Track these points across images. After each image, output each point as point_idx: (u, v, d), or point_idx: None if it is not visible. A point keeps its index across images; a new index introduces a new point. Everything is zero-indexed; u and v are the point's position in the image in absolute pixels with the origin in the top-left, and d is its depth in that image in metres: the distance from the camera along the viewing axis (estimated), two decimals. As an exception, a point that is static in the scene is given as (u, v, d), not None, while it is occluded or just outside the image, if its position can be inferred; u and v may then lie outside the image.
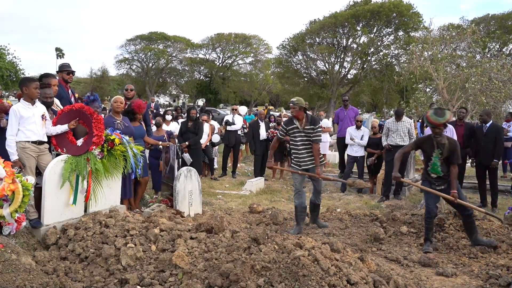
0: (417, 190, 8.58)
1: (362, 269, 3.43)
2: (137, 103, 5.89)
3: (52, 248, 3.90)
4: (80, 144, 4.42)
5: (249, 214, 6.21)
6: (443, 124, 4.57)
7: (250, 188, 8.22)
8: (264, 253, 3.32)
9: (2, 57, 24.67)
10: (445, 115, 4.53)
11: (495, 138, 6.98)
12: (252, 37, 41.45)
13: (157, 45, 41.88)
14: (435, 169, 4.69)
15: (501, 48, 29.09)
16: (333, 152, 12.74)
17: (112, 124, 5.13)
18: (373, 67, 30.76)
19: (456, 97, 12.83)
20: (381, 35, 30.80)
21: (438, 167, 4.67)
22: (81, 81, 43.42)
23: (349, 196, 7.98)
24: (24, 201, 3.78)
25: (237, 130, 10.19)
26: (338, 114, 9.48)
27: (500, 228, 5.11)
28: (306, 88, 33.03)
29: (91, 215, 4.36)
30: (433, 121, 4.59)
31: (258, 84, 41.68)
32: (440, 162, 4.65)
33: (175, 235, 3.87)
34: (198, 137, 7.97)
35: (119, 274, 3.40)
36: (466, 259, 4.41)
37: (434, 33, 15.85)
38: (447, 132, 6.59)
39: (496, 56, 16.11)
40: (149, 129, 6.61)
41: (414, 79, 14.82)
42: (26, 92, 4.14)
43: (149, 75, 41.50)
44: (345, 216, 5.99)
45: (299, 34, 32.23)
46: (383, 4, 29.01)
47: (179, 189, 5.66)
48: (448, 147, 4.58)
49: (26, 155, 4.08)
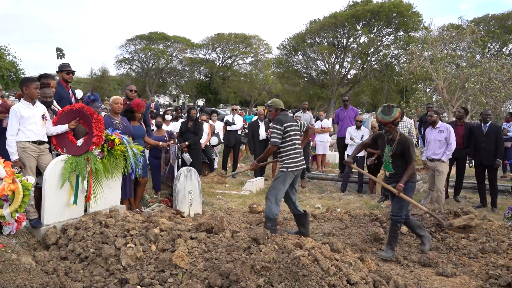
0: (417, 190, 8.59)
1: (362, 269, 3.43)
2: (135, 102, 5.87)
3: (52, 248, 3.90)
4: (80, 144, 4.42)
5: (249, 214, 6.21)
6: (390, 122, 4.46)
7: (250, 188, 8.22)
8: (264, 253, 3.32)
9: (2, 57, 24.64)
10: (392, 112, 4.45)
11: (496, 138, 7.00)
12: (252, 37, 41.46)
13: (157, 45, 41.86)
14: (386, 166, 4.66)
15: (501, 48, 29.08)
16: (333, 152, 12.74)
17: (111, 124, 5.13)
18: (373, 67, 30.74)
19: (456, 97, 12.84)
20: (381, 35, 30.78)
21: (389, 164, 4.61)
22: (81, 81, 43.42)
23: (349, 196, 7.99)
24: (24, 201, 3.78)
25: (237, 130, 10.19)
26: (338, 114, 9.48)
27: (500, 228, 5.11)
28: (306, 88, 33.01)
29: (91, 215, 4.36)
30: (380, 119, 4.58)
31: (258, 84, 41.69)
32: (390, 159, 4.58)
33: (175, 235, 3.87)
34: (198, 137, 7.97)
35: (119, 274, 3.40)
36: (466, 259, 4.41)
37: (434, 33, 15.86)
38: (444, 132, 6.59)
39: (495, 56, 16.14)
40: (149, 129, 6.61)
41: (414, 79, 14.83)
42: (27, 92, 4.15)
43: (149, 75, 41.50)
44: (345, 216, 5.99)
45: (299, 34, 32.20)
46: (383, 4, 28.98)
47: (179, 189, 5.67)
48: (398, 144, 4.49)
49: (26, 155, 4.08)
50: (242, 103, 45.67)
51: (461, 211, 5.29)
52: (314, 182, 9.18)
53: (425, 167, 7.28)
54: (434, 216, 4.80)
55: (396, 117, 4.45)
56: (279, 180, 4.81)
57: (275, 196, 4.74)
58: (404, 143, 4.47)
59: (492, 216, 6.10)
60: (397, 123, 4.51)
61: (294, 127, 4.94)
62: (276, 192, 4.76)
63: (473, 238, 4.88)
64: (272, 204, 4.72)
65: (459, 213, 5.26)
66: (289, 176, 4.81)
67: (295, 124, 5.00)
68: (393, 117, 4.45)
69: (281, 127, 4.81)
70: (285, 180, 4.80)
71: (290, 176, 4.82)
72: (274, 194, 4.74)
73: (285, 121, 4.84)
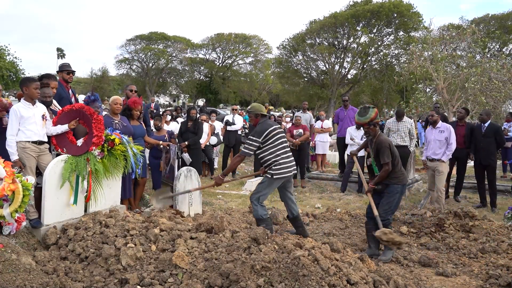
0: (417, 190, 8.59)
1: (362, 269, 3.43)
2: (131, 100, 5.87)
3: (52, 248, 3.90)
4: (80, 144, 4.42)
5: (249, 214, 6.20)
6: (366, 123, 4.42)
7: (250, 188, 8.21)
8: (264, 253, 3.32)
9: (2, 57, 24.63)
10: (367, 113, 4.40)
11: (495, 138, 7.00)
12: (252, 37, 41.50)
13: (157, 45, 41.88)
14: (374, 167, 4.63)
15: (501, 48, 29.07)
16: (333, 152, 12.74)
17: (110, 124, 5.13)
18: (373, 67, 30.74)
19: (456, 97, 12.84)
20: (381, 35, 30.79)
21: (375, 166, 4.59)
22: (81, 81, 43.47)
23: (349, 196, 7.99)
24: (24, 201, 3.78)
25: (237, 130, 10.19)
26: (338, 114, 9.48)
27: (500, 228, 5.11)
28: (306, 88, 33.03)
29: (91, 215, 4.36)
30: (356, 121, 4.56)
31: (258, 84, 41.75)
32: (375, 161, 4.55)
33: (175, 235, 3.87)
34: (197, 137, 7.97)
35: (119, 274, 3.40)
36: (466, 259, 4.41)
37: (434, 33, 15.86)
38: (444, 132, 6.59)
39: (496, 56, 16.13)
40: (149, 129, 6.61)
41: (414, 79, 14.83)
42: (27, 92, 4.15)
43: (149, 75, 41.51)
44: (345, 216, 5.99)
45: (299, 34, 32.20)
46: (383, 4, 28.98)
47: (179, 189, 5.66)
48: (375, 145, 4.47)
49: (26, 155, 4.08)
50: (242, 103, 45.66)
51: (461, 211, 5.30)
52: (314, 182, 9.18)
53: (425, 167, 7.28)
54: (378, 222, 4.53)
55: (372, 117, 4.39)
56: (263, 185, 4.69)
57: (257, 199, 4.65)
58: (379, 144, 4.41)
59: (492, 216, 6.10)
60: (375, 123, 4.44)
61: (278, 130, 4.72)
62: (258, 196, 4.66)
63: (473, 238, 4.89)
64: (257, 206, 4.65)
65: (459, 213, 5.27)
66: (275, 183, 4.67)
67: (278, 127, 4.78)
68: (368, 117, 4.39)
69: (257, 139, 4.59)
70: (269, 186, 4.67)
71: (276, 183, 4.68)
72: (256, 198, 4.65)
73: (265, 129, 4.61)
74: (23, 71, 25.78)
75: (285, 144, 4.77)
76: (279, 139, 4.69)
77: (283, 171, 4.63)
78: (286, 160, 4.67)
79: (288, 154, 4.75)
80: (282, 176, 4.63)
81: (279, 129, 4.76)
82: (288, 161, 4.71)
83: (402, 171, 4.49)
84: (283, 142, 4.72)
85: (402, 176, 4.49)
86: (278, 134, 4.69)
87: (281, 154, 4.65)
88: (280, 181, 4.69)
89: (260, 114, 4.83)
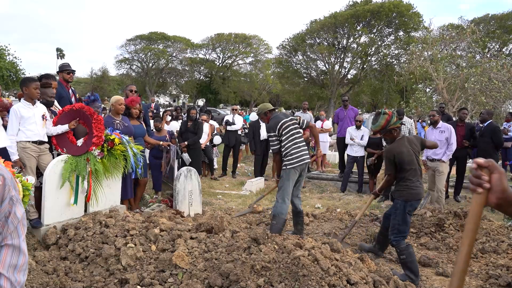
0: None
1: (362, 269, 3.43)
2: (129, 99, 5.86)
3: (52, 248, 3.90)
4: (80, 144, 4.42)
5: (249, 214, 6.21)
6: (378, 131, 4.25)
7: (250, 188, 8.22)
8: (264, 253, 3.32)
9: (2, 57, 24.62)
10: (377, 121, 4.17)
11: (491, 137, 7.02)
12: (252, 37, 41.46)
13: (157, 45, 41.88)
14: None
15: (501, 48, 29.08)
16: (333, 152, 12.75)
17: (111, 124, 5.12)
18: (373, 67, 30.76)
19: (456, 97, 12.85)
20: (381, 35, 30.80)
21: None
22: (82, 81, 43.46)
23: (349, 196, 7.99)
24: (24, 201, 3.77)
25: (237, 130, 10.19)
26: (338, 114, 9.48)
27: (500, 228, 5.12)
28: (306, 88, 33.06)
29: (91, 215, 4.36)
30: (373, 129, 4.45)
31: (258, 84, 41.70)
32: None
33: (175, 235, 3.87)
34: (197, 137, 7.97)
35: (119, 274, 3.40)
36: (466, 259, 4.40)
37: (434, 33, 15.87)
38: (445, 133, 6.60)
39: (495, 56, 16.12)
40: (149, 129, 6.61)
41: (414, 79, 14.84)
42: (26, 92, 4.15)
43: (149, 75, 41.50)
44: (345, 216, 5.99)
45: (299, 34, 32.22)
46: (383, 4, 29.00)
47: (179, 189, 5.66)
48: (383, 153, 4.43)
49: (26, 155, 4.08)
50: (242, 103, 45.66)
51: (461, 211, 5.30)
52: (314, 182, 9.18)
53: (425, 167, 7.28)
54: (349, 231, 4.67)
55: (382, 125, 4.10)
56: (283, 179, 4.82)
57: (282, 195, 4.76)
58: (384, 153, 4.27)
59: (492, 216, 6.10)
60: (390, 130, 4.11)
61: (289, 122, 4.86)
62: (282, 191, 4.77)
63: (473, 238, 4.88)
64: (278, 203, 4.75)
65: (459, 213, 5.27)
66: (291, 173, 4.78)
67: (289, 119, 4.90)
68: (379, 125, 4.14)
69: (274, 133, 4.79)
70: (288, 178, 4.78)
71: (292, 173, 4.78)
72: (281, 194, 4.77)
73: (277, 122, 4.80)
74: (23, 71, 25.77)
75: (297, 134, 4.89)
76: (291, 131, 4.84)
77: (295, 161, 4.76)
78: (297, 150, 4.80)
79: (299, 144, 4.86)
80: (295, 165, 4.75)
81: (289, 121, 4.88)
82: (299, 150, 4.82)
83: (407, 185, 3.98)
84: (294, 134, 4.86)
85: (405, 191, 3.97)
86: (289, 127, 4.84)
87: (292, 145, 4.79)
88: (296, 171, 4.78)
89: (268, 111, 5.00)
